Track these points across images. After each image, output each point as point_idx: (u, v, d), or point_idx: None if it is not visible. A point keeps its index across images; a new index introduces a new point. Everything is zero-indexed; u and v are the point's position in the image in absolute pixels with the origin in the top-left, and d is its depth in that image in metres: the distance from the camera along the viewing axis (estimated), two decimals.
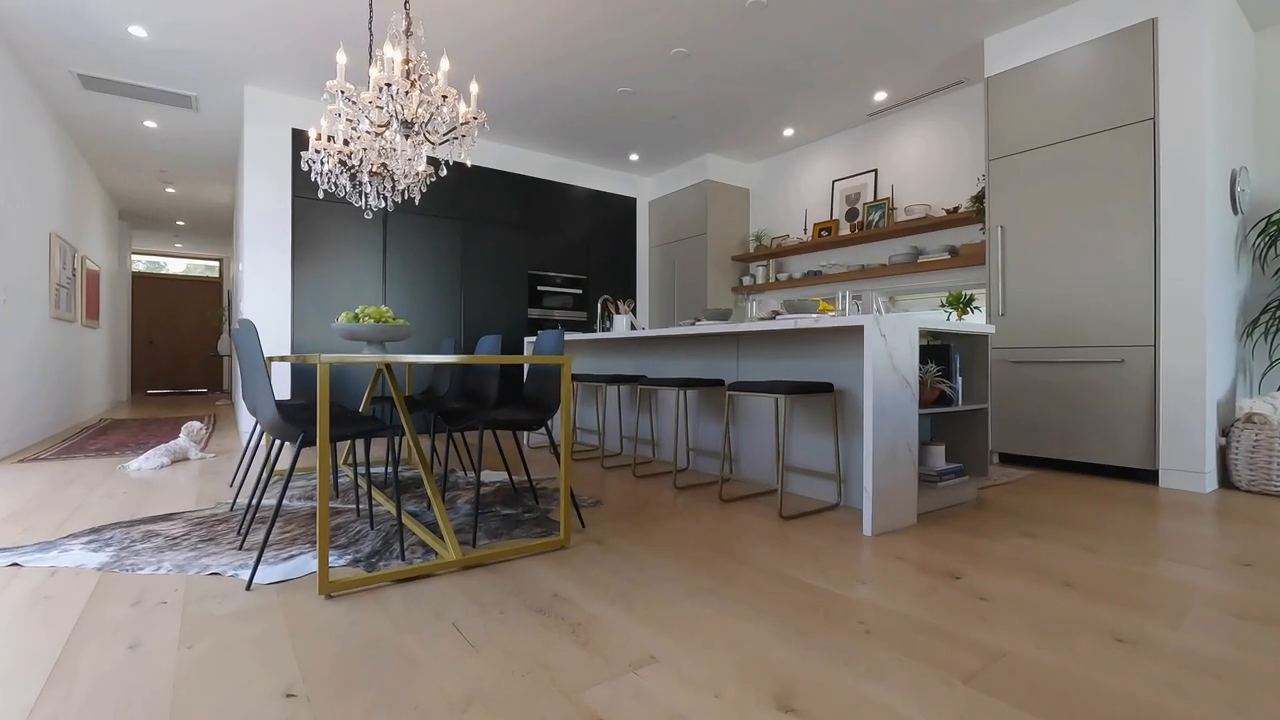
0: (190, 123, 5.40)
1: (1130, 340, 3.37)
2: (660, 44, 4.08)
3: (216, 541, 2.28)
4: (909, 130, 5.10)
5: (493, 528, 2.45)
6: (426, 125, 2.32)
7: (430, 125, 2.32)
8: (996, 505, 2.84)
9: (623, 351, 4.39)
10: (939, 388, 2.70)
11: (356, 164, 2.84)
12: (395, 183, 3.01)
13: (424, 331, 5.44)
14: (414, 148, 2.51)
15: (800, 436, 3.07)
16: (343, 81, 2.28)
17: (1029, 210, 3.79)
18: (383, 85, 2.17)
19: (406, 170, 2.59)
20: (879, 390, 2.38)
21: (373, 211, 4.54)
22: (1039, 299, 3.74)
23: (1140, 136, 3.35)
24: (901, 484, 2.47)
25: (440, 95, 2.30)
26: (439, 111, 2.31)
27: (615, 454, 4.32)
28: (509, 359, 2.06)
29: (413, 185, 3.15)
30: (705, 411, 3.66)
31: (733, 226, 6.43)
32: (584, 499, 2.95)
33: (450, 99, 2.31)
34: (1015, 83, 3.86)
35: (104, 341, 7.71)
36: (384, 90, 2.17)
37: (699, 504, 2.87)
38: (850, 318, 2.44)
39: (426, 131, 2.33)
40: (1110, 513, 2.71)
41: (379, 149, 2.57)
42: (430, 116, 2.29)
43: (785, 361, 3.14)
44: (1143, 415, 3.33)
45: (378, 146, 2.55)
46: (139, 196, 7.95)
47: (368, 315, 2.75)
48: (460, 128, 2.43)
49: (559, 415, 4.79)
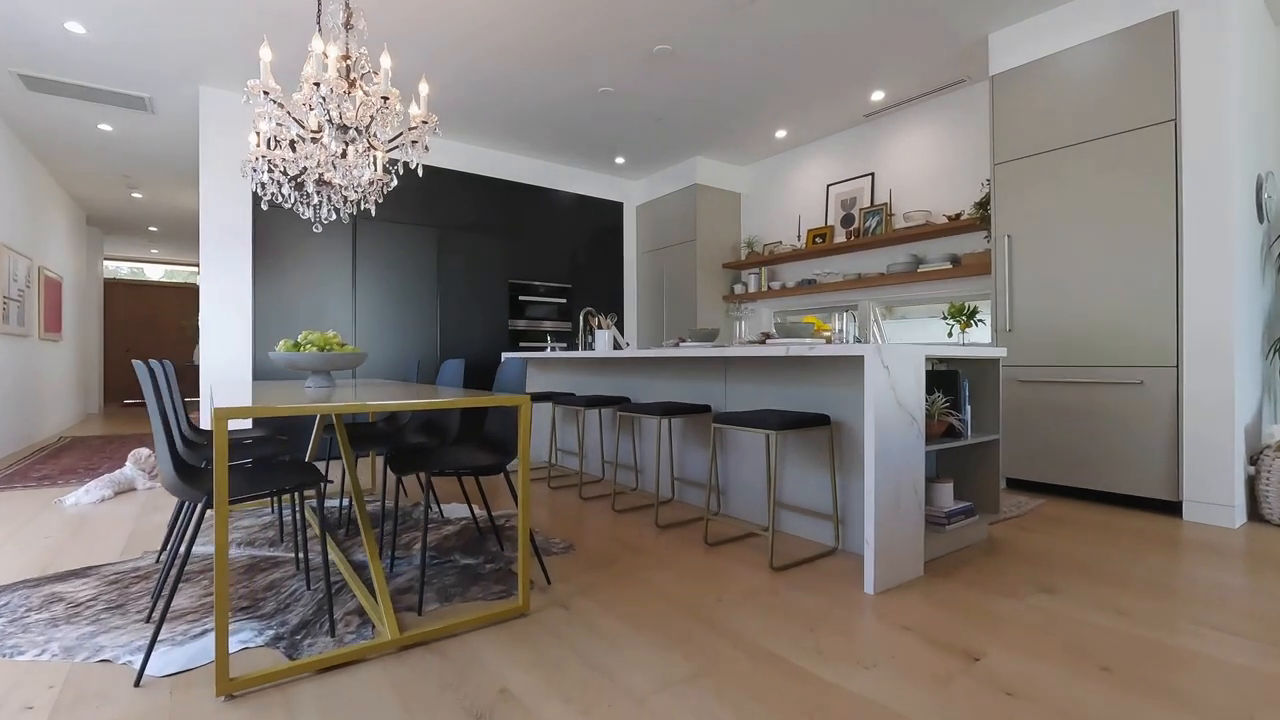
0: (147, 126, 5.08)
1: (1150, 360, 3.11)
2: (641, 39, 3.80)
3: (124, 609, 1.99)
4: (908, 132, 4.84)
5: (446, 585, 2.17)
6: (368, 129, 2.04)
7: (372, 129, 2.03)
8: (1010, 547, 2.57)
9: (605, 369, 4.11)
10: (947, 420, 2.43)
11: (300, 172, 2.55)
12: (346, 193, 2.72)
13: (398, 347, 5.15)
14: (359, 154, 2.23)
15: (793, 471, 2.79)
16: (267, 80, 1.99)
17: (1038, 218, 3.53)
18: (313, 84, 1.88)
19: (353, 179, 2.31)
20: (882, 428, 2.11)
21: (323, 224, 4.24)
22: (1049, 314, 3.48)
23: (1160, 139, 3.09)
24: (906, 531, 2.20)
25: (380, 96, 2.01)
26: (383, 114, 2.03)
27: (596, 479, 4.04)
28: (455, 401, 1.78)
29: (368, 194, 2.86)
30: (691, 438, 3.38)
31: (723, 232, 6.15)
32: (555, 543, 2.67)
33: (393, 100, 2.02)
34: (1022, 81, 3.60)
35: (69, 353, 7.38)
36: (315, 90, 1.88)
37: (682, 548, 2.59)
38: (849, 346, 2.16)
39: (368, 136, 2.05)
40: (1136, 558, 2.44)
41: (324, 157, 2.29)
42: (371, 120, 2.01)
43: (777, 387, 2.86)
44: (1164, 442, 3.07)
45: (322, 154, 2.27)
46: (105, 202, 7.62)
47: (310, 342, 2.46)
48: (408, 131, 2.14)
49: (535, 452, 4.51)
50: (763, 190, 6.10)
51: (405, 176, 5.18)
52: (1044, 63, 3.51)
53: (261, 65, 1.97)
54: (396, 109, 2.03)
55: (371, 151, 2.23)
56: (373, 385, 2.70)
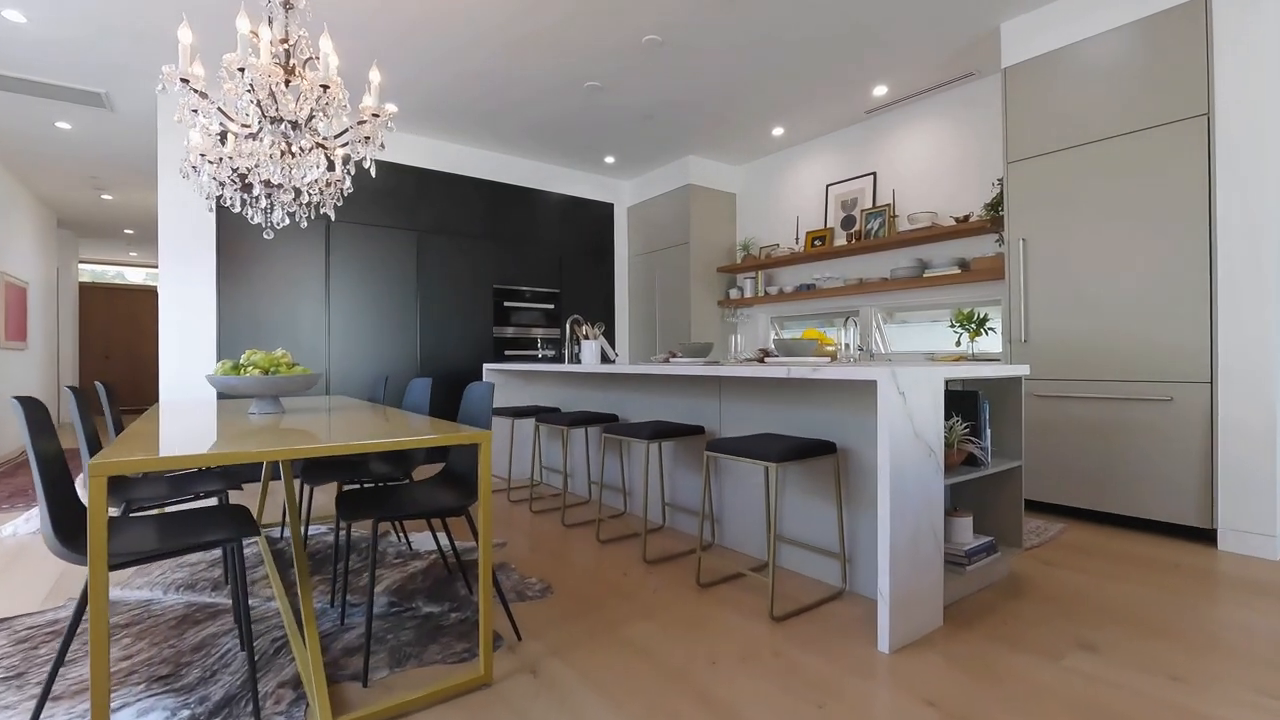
0: (108, 124, 4.80)
1: (1181, 375, 2.87)
2: (629, 29, 3.54)
3: (23, 680, 1.71)
4: (913, 129, 4.58)
5: (402, 643, 1.90)
6: (309, 123, 1.77)
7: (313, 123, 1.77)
8: (1036, 587, 2.32)
9: (594, 381, 3.84)
10: (967, 449, 2.18)
11: (245, 172, 2.28)
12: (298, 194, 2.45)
13: (375, 358, 4.87)
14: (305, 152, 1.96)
15: (795, 502, 2.53)
16: (186, 67, 1.72)
17: (1055, 220, 3.28)
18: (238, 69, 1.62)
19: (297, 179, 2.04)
20: (897, 462, 1.85)
21: (274, 230, 3.97)
22: (1068, 324, 3.23)
23: (1191, 135, 2.84)
24: (924, 577, 1.95)
25: (320, 85, 1.75)
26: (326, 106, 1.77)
27: (583, 500, 3.78)
28: (398, 442, 1.52)
29: (325, 197, 2.59)
30: (684, 460, 3.12)
31: (718, 235, 5.89)
32: (531, 584, 2.40)
33: (335, 89, 1.76)
34: (1038, 74, 3.35)
35: (35, 361, 7.07)
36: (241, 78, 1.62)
37: (671, 590, 2.32)
38: (859, 369, 1.90)
39: (308, 131, 1.79)
40: (1177, 600, 2.19)
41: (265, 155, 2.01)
42: (312, 113, 1.75)
43: (777, 408, 2.61)
44: (1196, 464, 2.82)
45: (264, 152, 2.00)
46: (74, 204, 7.32)
47: (254, 363, 2.19)
48: (357, 126, 1.88)
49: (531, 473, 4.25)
50: (759, 191, 5.84)
51: (382, 177, 4.91)
52: (1061, 54, 3.26)
53: (180, 50, 1.70)
54: (340, 99, 1.77)
55: (320, 149, 1.96)
56: (326, 411, 2.43)
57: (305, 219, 2.82)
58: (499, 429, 4.44)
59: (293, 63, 1.82)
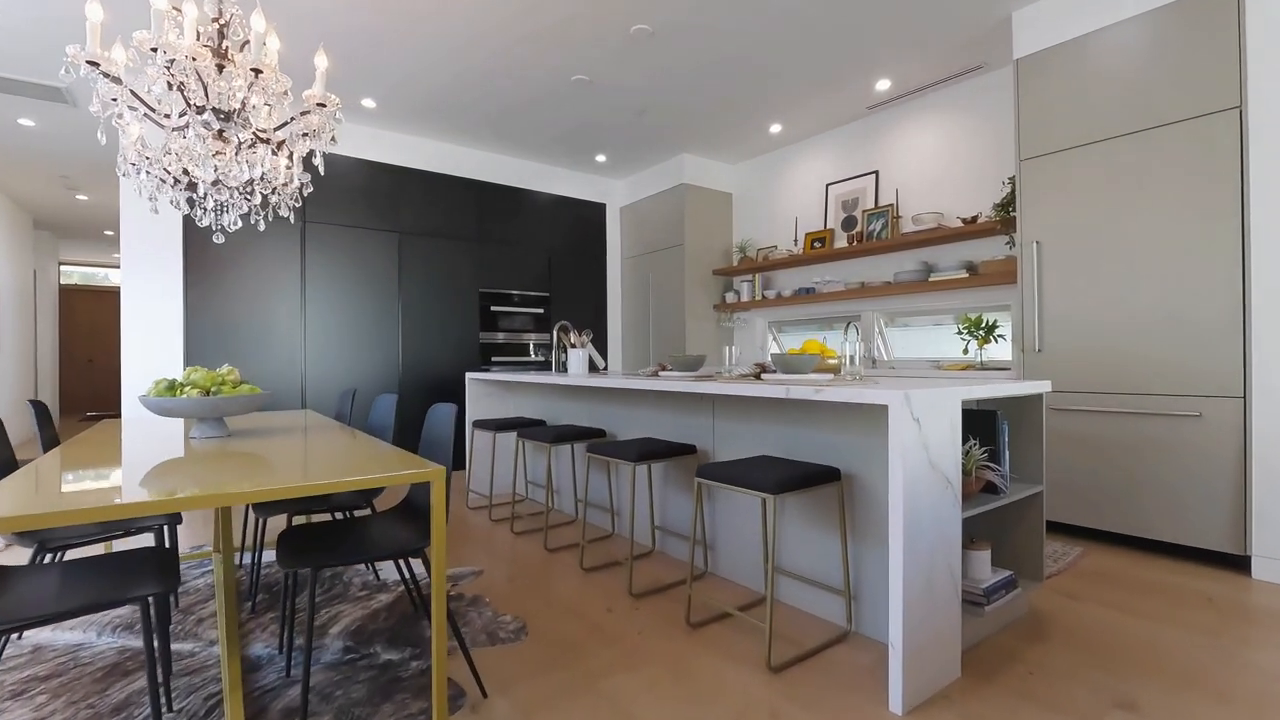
0: (73, 120, 4.56)
1: (1210, 389, 2.66)
2: (616, 17, 3.32)
3: None
4: (917, 126, 4.37)
5: (351, 702, 1.68)
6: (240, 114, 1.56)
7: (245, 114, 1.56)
8: (1060, 626, 2.10)
9: (580, 393, 3.63)
10: (985, 477, 1.96)
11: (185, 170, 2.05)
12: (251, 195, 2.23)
13: (354, 366, 4.64)
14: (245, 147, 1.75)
15: (795, 531, 2.32)
16: (94, 47, 1.49)
17: (1072, 222, 3.07)
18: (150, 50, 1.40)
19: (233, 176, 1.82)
20: (911, 496, 1.64)
21: (225, 234, 3.74)
22: (1086, 333, 3.02)
23: (1221, 130, 2.63)
24: (940, 623, 1.73)
25: (250, 69, 1.53)
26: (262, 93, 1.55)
27: (568, 520, 3.56)
28: (330, 484, 1.30)
29: (283, 198, 2.37)
30: (675, 480, 2.91)
31: (713, 236, 5.67)
32: (504, 622, 2.19)
33: (268, 73, 1.54)
34: (1053, 65, 3.14)
35: (9, 366, 6.83)
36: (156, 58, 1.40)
37: (659, 630, 2.11)
38: (867, 391, 1.69)
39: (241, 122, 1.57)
40: (1218, 643, 1.98)
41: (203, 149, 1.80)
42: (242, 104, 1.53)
43: (775, 427, 2.39)
44: (1227, 486, 2.61)
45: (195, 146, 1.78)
46: (50, 205, 7.08)
47: (193, 383, 1.97)
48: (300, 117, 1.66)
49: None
50: (756, 190, 5.62)
51: (360, 176, 4.68)
52: (1078, 43, 3.05)
53: (88, 28, 1.48)
54: (276, 85, 1.55)
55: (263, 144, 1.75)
56: (281, 431, 2.21)
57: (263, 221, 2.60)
58: (480, 442, 4.22)
59: (226, 45, 1.60)
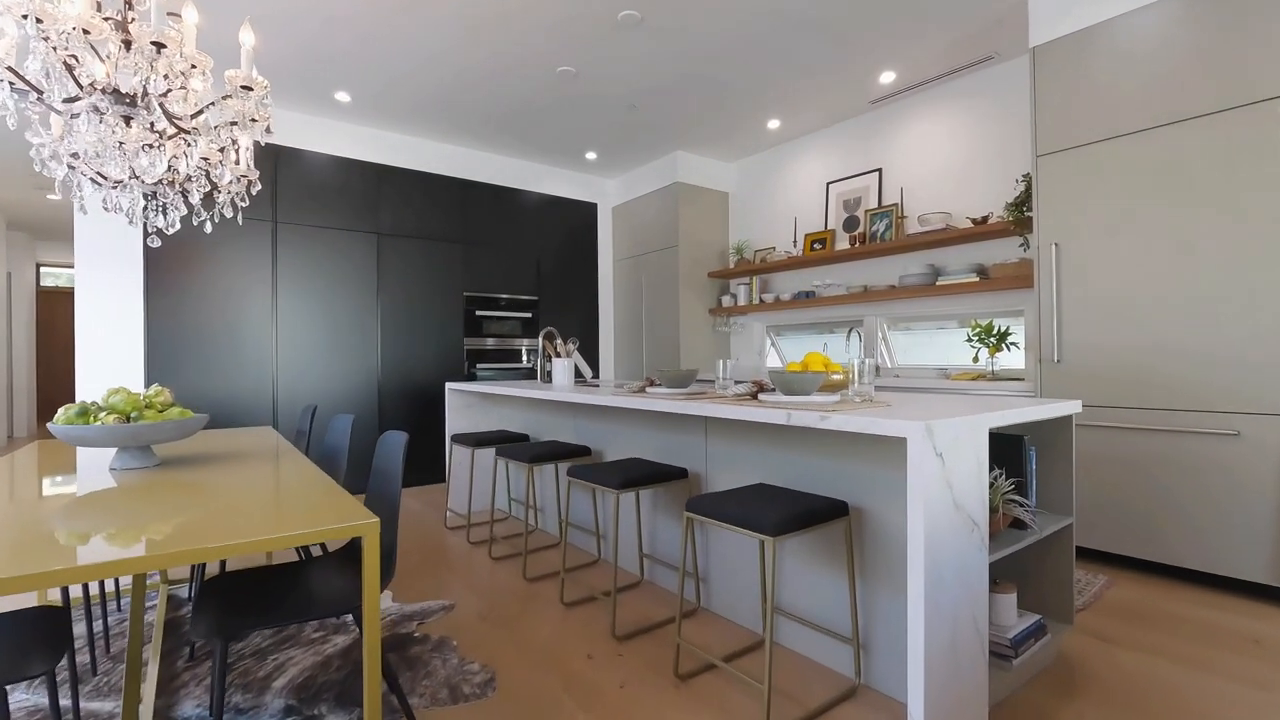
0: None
1: (1250, 406, 2.43)
2: (601, 5, 3.08)
3: None
4: (923, 121, 4.14)
5: None
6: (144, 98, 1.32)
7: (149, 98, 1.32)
8: (1093, 675, 1.87)
9: (565, 406, 3.39)
10: (1012, 514, 1.73)
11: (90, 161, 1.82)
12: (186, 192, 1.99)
13: (330, 374, 4.40)
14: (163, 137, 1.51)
15: (797, 568, 2.08)
16: None
17: (1093, 222, 2.84)
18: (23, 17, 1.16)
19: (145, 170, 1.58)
20: (933, 541, 1.40)
21: (160, 237, 3.50)
22: (1110, 342, 2.79)
23: (1263, 123, 2.40)
24: (965, 681, 1.50)
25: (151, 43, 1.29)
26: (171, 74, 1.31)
27: (552, 542, 3.31)
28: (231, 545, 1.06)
29: (229, 195, 2.13)
30: (664, 503, 2.67)
31: (709, 237, 5.44)
32: (471, 672, 1.95)
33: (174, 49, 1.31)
34: (1073, 53, 2.91)
35: None
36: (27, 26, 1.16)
37: (643, 683, 1.87)
38: (881, 421, 1.45)
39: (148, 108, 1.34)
40: (1273, 698, 1.75)
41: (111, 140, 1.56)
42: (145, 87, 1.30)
43: (775, 451, 2.16)
44: (1269, 511, 2.38)
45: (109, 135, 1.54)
46: (21, 205, 6.82)
47: (111, 408, 1.73)
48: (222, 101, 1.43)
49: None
50: (753, 189, 5.39)
51: (336, 174, 4.44)
52: (1101, 29, 2.82)
53: None
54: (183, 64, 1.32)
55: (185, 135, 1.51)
56: (218, 459, 1.97)
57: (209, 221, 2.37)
58: (460, 457, 3.98)
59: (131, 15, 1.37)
